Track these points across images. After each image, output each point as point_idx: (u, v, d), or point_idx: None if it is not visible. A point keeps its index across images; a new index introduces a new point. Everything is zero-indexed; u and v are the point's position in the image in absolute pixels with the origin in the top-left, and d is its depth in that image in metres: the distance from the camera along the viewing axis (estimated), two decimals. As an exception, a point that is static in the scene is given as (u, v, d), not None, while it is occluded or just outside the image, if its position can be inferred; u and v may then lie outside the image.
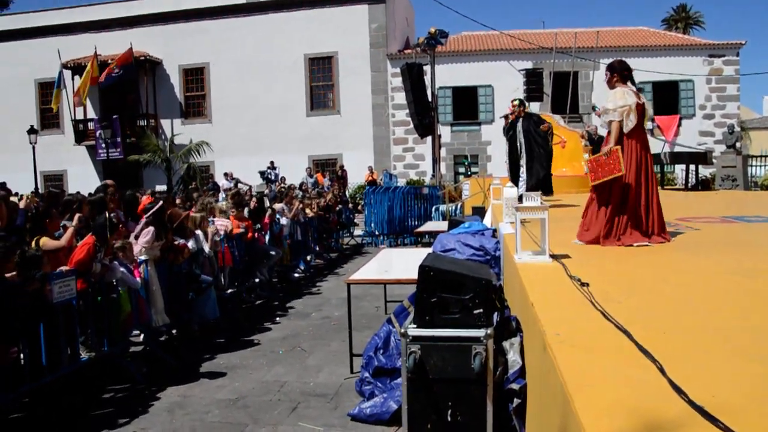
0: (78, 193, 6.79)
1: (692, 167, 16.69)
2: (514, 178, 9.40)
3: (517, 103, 9.58)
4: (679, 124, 27.01)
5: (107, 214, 5.92)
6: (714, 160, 17.04)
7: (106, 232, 5.85)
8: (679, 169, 20.13)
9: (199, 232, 7.99)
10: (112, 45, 27.63)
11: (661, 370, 1.92)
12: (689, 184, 16.52)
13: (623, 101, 4.99)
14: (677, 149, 22.94)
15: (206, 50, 28.01)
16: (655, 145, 23.07)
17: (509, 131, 9.71)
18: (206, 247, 8.05)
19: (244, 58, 27.52)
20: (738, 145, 16.83)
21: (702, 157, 16.52)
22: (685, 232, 6.03)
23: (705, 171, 19.30)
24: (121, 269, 6.06)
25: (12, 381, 4.74)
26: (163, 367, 6.34)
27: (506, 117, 10.13)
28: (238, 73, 27.57)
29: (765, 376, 1.93)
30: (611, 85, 5.31)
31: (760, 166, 23.82)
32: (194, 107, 29.00)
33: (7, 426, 4.90)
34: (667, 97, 27.18)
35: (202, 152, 24.84)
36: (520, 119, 9.45)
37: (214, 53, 27.98)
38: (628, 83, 5.26)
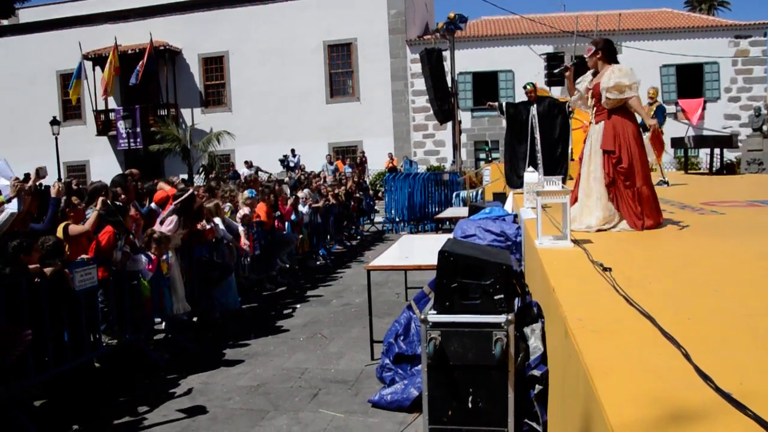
0: (100, 181, 6.82)
1: (717, 151, 16.40)
2: (532, 162, 9.28)
3: (530, 87, 9.45)
4: (704, 108, 26.58)
5: (109, 202, 5.93)
6: (740, 144, 16.74)
7: (119, 219, 5.88)
8: (704, 153, 19.82)
9: (217, 219, 8.02)
10: (132, 35, 27.86)
11: (687, 357, 1.87)
12: (714, 168, 16.24)
13: (634, 77, 4.85)
14: (702, 133, 22.60)
15: (225, 39, 28.06)
16: (679, 129, 22.80)
17: (520, 115, 9.54)
18: (227, 233, 8.09)
19: (263, 46, 27.54)
20: (765, 128, 16.49)
21: (727, 141, 16.20)
22: (711, 216, 5.92)
23: (730, 155, 18.96)
24: (144, 258, 6.11)
25: (35, 368, 4.80)
26: (185, 354, 6.39)
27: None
28: (258, 62, 27.59)
29: (794, 362, 1.88)
30: (593, 62, 5.13)
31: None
32: (214, 96, 29.13)
33: (32, 412, 4.96)
34: (692, 80, 26.75)
35: (222, 141, 24.95)
36: (534, 103, 9.36)
37: (233, 42, 28.03)
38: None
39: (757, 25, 26.49)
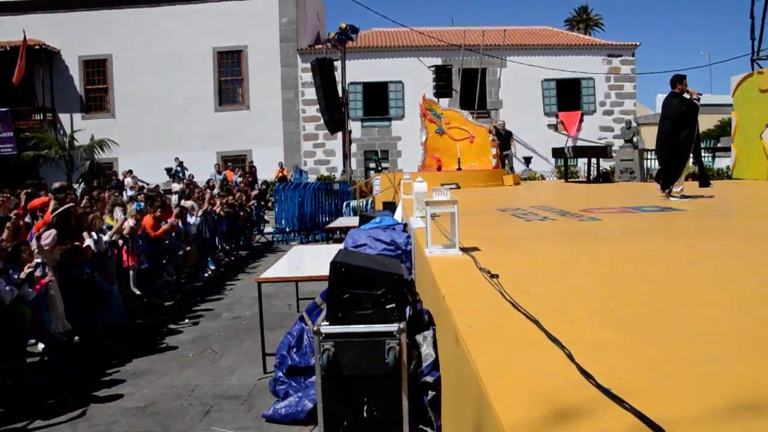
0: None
1: (594, 161, 17.38)
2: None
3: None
4: (581, 120, 28.11)
5: None
6: (613, 154, 17.81)
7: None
8: (582, 163, 20.93)
9: (94, 234, 7.63)
10: (4, 32, 25.96)
11: (570, 357, 1.95)
12: (591, 177, 17.19)
13: None
14: (579, 143, 23.86)
15: (109, 41, 26.70)
16: (559, 140, 23.94)
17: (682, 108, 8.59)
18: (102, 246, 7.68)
19: (149, 51, 26.52)
20: (635, 139, 17.64)
21: (602, 151, 17.22)
22: (589, 222, 6.24)
23: (605, 164, 20.13)
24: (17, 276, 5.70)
25: None
26: (65, 377, 6.01)
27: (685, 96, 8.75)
28: (144, 66, 26.53)
29: (665, 358, 2.00)
30: None
31: (654, 159, 24.99)
32: (96, 101, 27.68)
33: None
34: (570, 94, 28.24)
35: (106, 148, 23.83)
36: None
37: (118, 45, 26.76)
38: None
39: (627, 46, 28.35)
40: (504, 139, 18.24)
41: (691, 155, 8.54)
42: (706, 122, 37.91)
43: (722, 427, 1.48)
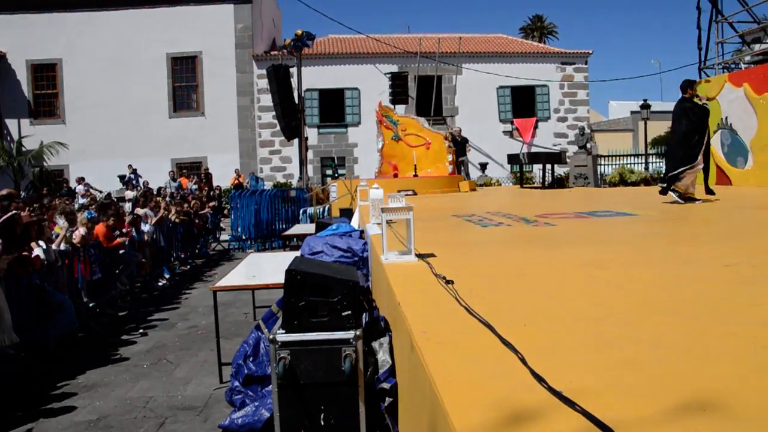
0: None
1: (548, 167, 17.66)
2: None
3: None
4: (536, 126, 28.57)
5: None
6: (568, 160, 18.13)
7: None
8: (537, 169, 21.23)
9: (43, 243, 7.44)
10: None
11: (523, 361, 1.98)
12: (546, 183, 17.46)
13: None
14: (534, 150, 24.23)
15: (59, 45, 26.12)
16: (514, 146, 24.26)
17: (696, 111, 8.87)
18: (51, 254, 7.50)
19: (101, 56, 26.04)
20: (588, 145, 18.00)
21: (557, 157, 17.52)
22: (544, 227, 6.34)
23: (560, 170, 20.48)
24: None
25: None
26: (13, 391, 5.84)
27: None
28: (95, 71, 26.04)
29: (615, 360, 2.04)
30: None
31: (607, 165, 25.59)
32: (45, 106, 27.04)
33: None
34: (525, 101, 28.69)
35: (54, 154, 23.24)
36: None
37: (68, 49, 26.18)
38: None
39: (580, 54, 28.95)
40: (460, 145, 18.42)
41: (701, 157, 8.77)
42: (657, 128, 38.93)
43: (669, 426, 1.52)
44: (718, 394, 1.69)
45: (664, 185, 8.92)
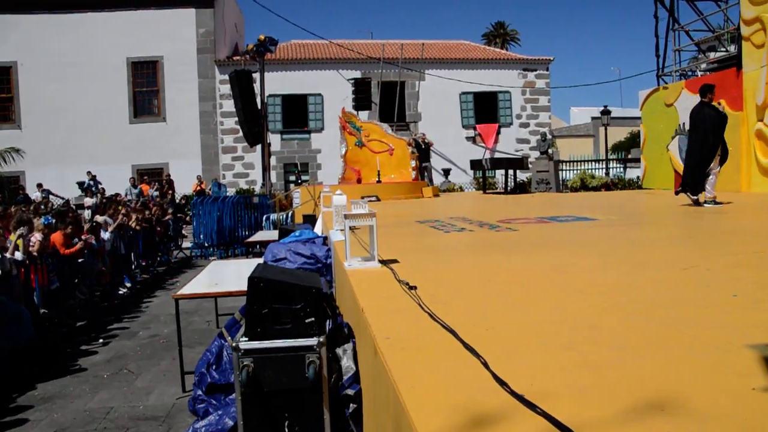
0: None
1: (511, 172, 17.86)
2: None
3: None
4: (499, 132, 28.85)
5: None
6: (530, 165, 18.34)
7: None
8: (500, 174, 21.46)
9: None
10: None
11: (486, 365, 1.99)
12: (508, 188, 17.64)
13: None
14: (497, 155, 24.47)
15: (14, 47, 25.51)
16: (477, 152, 24.48)
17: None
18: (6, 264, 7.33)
19: (59, 59, 25.49)
20: (550, 151, 18.24)
21: (519, 163, 17.72)
22: (506, 232, 6.40)
23: (522, 175, 20.72)
24: None
25: None
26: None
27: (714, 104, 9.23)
28: (52, 75, 25.48)
29: (575, 363, 2.07)
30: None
31: (569, 170, 25.99)
32: (0, 111, 26.41)
33: None
34: (488, 107, 28.97)
35: (9, 160, 22.70)
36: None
37: (24, 52, 25.59)
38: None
39: (541, 61, 29.35)
40: (423, 151, 18.50)
41: (719, 160, 8.86)
42: (617, 134, 39.67)
43: (629, 426, 1.54)
44: (677, 394, 1.73)
45: (687, 190, 8.85)
